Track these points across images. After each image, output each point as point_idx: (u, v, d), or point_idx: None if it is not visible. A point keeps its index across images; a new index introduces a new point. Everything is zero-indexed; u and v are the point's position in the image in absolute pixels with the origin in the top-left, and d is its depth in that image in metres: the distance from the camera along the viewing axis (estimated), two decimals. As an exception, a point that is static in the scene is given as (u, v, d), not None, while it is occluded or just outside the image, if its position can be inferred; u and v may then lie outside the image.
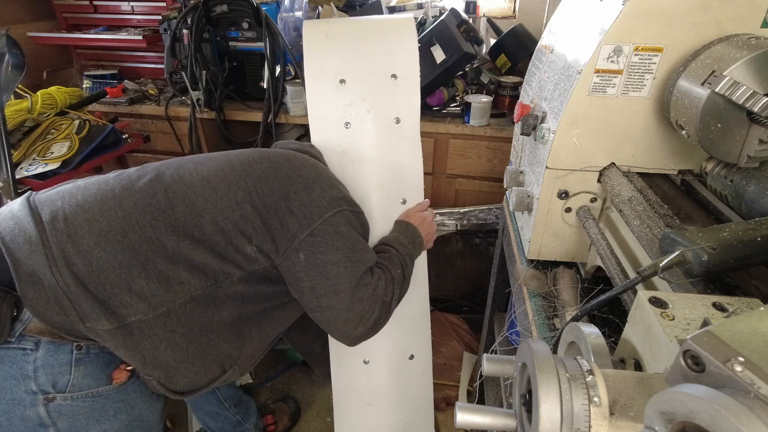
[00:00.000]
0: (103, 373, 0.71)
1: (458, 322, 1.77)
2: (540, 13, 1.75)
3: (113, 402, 0.73)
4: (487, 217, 1.48)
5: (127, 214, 0.69)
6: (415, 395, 1.24)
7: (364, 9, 1.64)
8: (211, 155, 0.83)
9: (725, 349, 0.24)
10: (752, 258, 0.44)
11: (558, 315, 0.70)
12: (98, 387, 0.71)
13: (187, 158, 0.82)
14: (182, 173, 0.76)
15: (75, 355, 0.68)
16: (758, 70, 0.51)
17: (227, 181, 0.76)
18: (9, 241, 0.65)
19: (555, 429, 0.30)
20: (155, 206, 0.71)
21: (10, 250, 0.64)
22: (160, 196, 0.72)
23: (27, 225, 0.66)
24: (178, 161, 0.80)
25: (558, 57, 0.78)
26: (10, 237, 0.65)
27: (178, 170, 0.77)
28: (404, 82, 1.01)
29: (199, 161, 0.80)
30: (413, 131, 1.03)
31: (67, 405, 0.69)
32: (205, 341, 0.74)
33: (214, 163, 0.79)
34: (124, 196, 0.71)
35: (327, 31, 0.99)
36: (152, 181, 0.74)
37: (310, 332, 1.21)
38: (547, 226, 0.78)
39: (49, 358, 0.66)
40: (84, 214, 0.68)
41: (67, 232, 0.66)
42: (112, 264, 0.66)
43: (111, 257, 0.67)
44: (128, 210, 0.70)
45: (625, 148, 0.70)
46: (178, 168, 0.77)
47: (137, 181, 0.74)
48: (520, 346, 0.37)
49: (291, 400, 1.56)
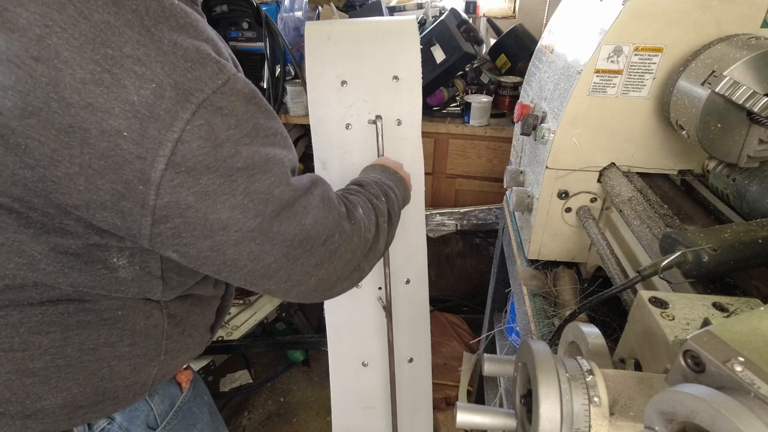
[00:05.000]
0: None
1: (458, 322, 1.78)
2: (540, 13, 1.75)
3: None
4: (487, 217, 1.48)
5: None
6: (414, 398, 1.24)
7: (364, 9, 1.64)
8: None
9: (725, 349, 0.24)
10: (753, 260, 0.44)
11: (558, 315, 0.70)
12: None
13: None
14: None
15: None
16: (758, 70, 0.51)
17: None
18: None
19: (555, 429, 0.30)
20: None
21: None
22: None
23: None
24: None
25: (558, 57, 0.78)
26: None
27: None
28: (406, 84, 1.01)
29: None
30: (414, 133, 1.04)
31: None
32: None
33: None
34: None
35: (329, 32, 0.99)
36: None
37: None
38: (547, 226, 0.78)
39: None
40: None
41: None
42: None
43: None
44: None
45: (625, 148, 0.70)
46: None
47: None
48: (520, 346, 0.37)
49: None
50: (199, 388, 0.69)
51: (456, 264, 1.83)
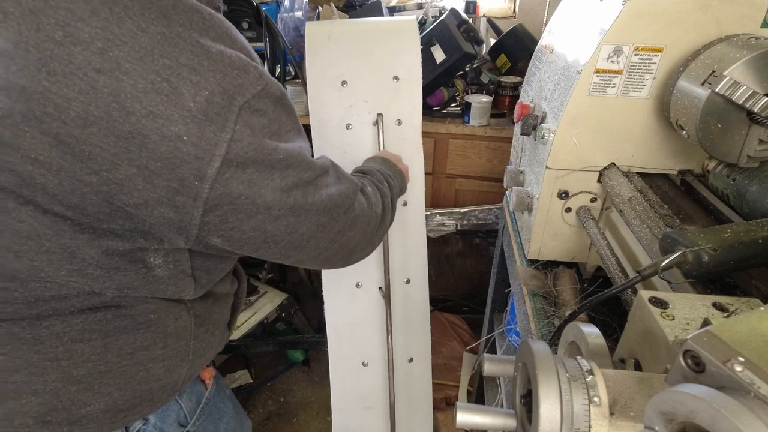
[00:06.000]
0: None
1: (458, 322, 1.78)
2: (540, 13, 1.75)
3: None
4: (487, 217, 1.48)
5: None
6: (414, 398, 1.24)
7: (364, 9, 1.64)
8: None
9: (725, 349, 0.24)
10: (753, 260, 0.44)
11: (558, 315, 0.70)
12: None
13: None
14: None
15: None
16: (758, 70, 0.51)
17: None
18: None
19: (555, 429, 0.30)
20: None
21: None
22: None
23: None
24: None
25: (558, 57, 0.78)
26: None
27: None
28: (406, 84, 1.01)
29: None
30: (414, 133, 1.04)
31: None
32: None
33: None
34: None
35: (329, 32, 0.99)
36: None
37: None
38: (547, 226, 0.78)
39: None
40: None
41: None
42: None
43: None
44: None
45: (625, 148, 0.70)
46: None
47: None
48: (520, 346, 0.37)
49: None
50: (220, 383, 0.71)
51: (456, 264, 1.83)
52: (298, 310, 1.78)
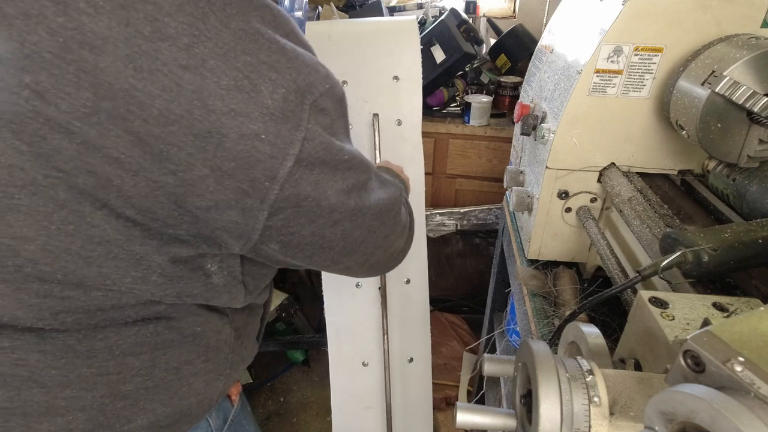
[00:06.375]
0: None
1: (458, 322, 1.78)
2: (540, 13, 1.75)
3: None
4: (487, 217, 1.48)
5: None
6: (414, 398, 1.24)
7: (364, 9, 1.64)
8: None
9: (725, 349, 0.24)
10: (753, 260, 0.44)
11: (558, 315, 0.70)
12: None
13: None
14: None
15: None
16: (758, 70, 0.51)
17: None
18: None
19: (555, 429, 0.30)
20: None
21: None
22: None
23: None
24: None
25: (558, 57, 0.78)
26: None
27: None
28: (406, 84, 1.01)
29: None
30: (414, 133, 1.04)
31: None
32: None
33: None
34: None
35: (329, 32, 0.99)
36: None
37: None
38: (547, 226, 0.78)
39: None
40: None
41: None
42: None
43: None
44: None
45: (625, 148, 0.70)
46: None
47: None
48: (520, 346, 0.37)
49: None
50: (243, 399, 0.70)
51: (456, 264, 1.83)
52: (298, 310, 1.78)
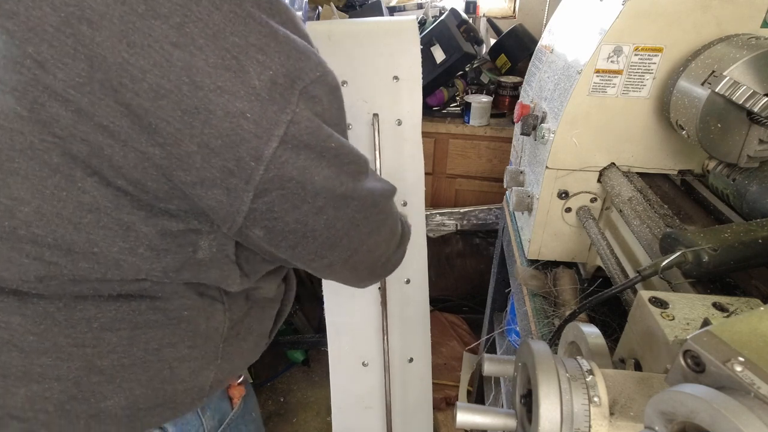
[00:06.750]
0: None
1: (458, 322, 1.78)
2: (540, 13, 1.75)
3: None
4: (487, 217, 1.48)
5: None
6: (414, 398, 1.24)
7: (364, 9, 1.64)
8: None
9: (725, 349, 0.24)
10: (753, 260, 0.44)
11: (558, 315, 0.70)
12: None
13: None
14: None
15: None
16: (758, 70, 0.51)
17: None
18: None
19: (555, 429, 0.30)
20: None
21: None
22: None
23: None
24: None
25: (558, 57, 0.78)
26: None
27: None
28: (406, 84, 1.00)
29: None
30: (414, 133, 1.03)
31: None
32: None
33: None
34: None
35: (329, 32, 0.99)
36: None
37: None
38: (547, 226, 0.78)
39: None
40: None
41: None
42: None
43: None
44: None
45: (625, 148, 0.70)
46: None
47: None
48: (520, 346, 0.37)
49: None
50: (249, 404, 0.69)
51: (456, 264, 1.83)
52: (298, 310, 1.78)
